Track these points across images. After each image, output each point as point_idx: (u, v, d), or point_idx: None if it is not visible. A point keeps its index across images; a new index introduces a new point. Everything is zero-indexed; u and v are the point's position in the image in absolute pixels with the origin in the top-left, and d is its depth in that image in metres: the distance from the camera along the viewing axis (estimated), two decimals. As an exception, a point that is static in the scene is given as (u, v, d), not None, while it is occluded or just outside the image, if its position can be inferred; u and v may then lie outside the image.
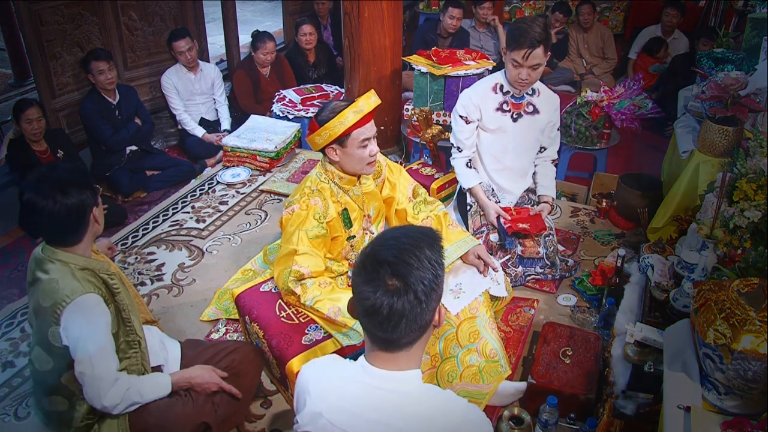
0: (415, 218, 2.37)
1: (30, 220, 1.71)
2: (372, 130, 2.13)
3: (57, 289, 1.69)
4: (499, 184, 2.89)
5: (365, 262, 1.16)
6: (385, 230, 1.20)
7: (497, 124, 2.75)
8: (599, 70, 5.67)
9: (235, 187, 3.74)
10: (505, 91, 2.73)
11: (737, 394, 1.51)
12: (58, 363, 1.76)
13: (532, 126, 2.77)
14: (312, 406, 1.23)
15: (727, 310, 1.49)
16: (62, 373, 1.77)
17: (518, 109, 2.75)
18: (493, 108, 2.74)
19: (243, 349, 2.12)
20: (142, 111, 4.17)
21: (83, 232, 1.76)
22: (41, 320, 1.72)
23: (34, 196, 1.66)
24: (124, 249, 3.16)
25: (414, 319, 1.15)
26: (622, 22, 6.41)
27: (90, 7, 4.00)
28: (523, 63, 2.53)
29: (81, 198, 1.71)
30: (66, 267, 1.73)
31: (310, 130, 2.14)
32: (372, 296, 1.13)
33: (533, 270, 2.81)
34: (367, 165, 2.17)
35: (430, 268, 1.15)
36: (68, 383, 1.78)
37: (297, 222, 2.15)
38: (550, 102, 2.79)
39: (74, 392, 1.79)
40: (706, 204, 2.47)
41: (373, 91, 2.14)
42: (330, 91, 4.66)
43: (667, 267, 2.34)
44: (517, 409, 2.08)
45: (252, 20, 8.52)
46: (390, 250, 1.15)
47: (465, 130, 2.78)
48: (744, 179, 2.27)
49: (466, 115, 2.75)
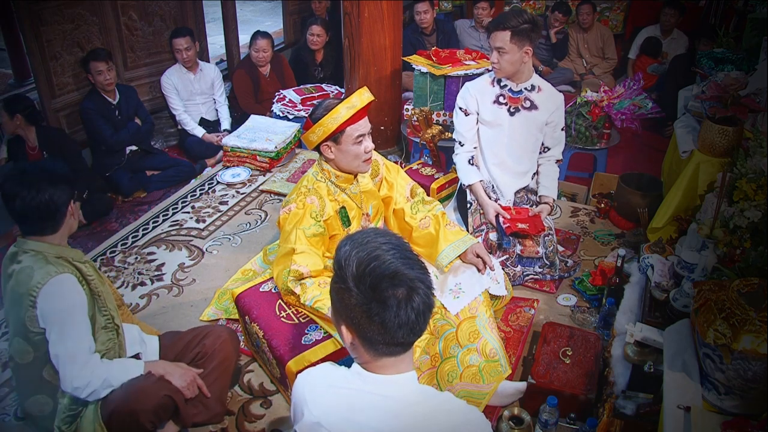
0: (413, 218, 2.37)
1: (9, 208, 1.78)
2: (366, 126, 2.14)
3: (32, 275, 1.74)
4: (497, 180, 2.89)
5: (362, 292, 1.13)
6: (336, 258, 1.19)
7: (493, 116, 2.78)
8: (599, 70, 5.67)
9: (235, 187, 3.74)
10: (503, 84, 2.77)
11: (737, 394, 1.51)
12: (38, 351, 1.78)
13: (529, 122, 2.79)
14: (310, 416, 1.22)
15: (727, 310, 1.49)
16: (44, 365, 1.79)
17: (515, 104, 2.77)
18: (490, 100, 2.78)
19: (215, 331, 2.15)
20: (142, 111, 4.17)
21: (59, 224, 1.82)
22: (17, 308, 1.75)
23: (13, 186, 1.75)
24: (124, 249, 3.16)
25: (433, 303, 1.18)
26: (622, 22, 6.41)
27: (90, 7, 4.00)
28: (492, 45, 2.62)
29: (52, 192, 1.77)
30: (39, 255, 1.78)
31: (305, 128, 2.15)
32: (394, 314, 1.12)
33: (532, 270, 2.81)
34: (363, 162, 2.17)
35: (395, 251, 1.15)
36: (51, 378, 1.81)
37: (294, 221, 2.15)
38: (551, 100, 2.79)
39: (57, 387, 1.81)
40: (706, 204, 2.47)
41: (366, 88, 2.16)
42: (330, 91, 4.66)
43: (667, 267, 2.35)
44: (517, 409, 2.08)
45: (252, 20, 8.53)
46: (362, 270, 1.13)
47: (465, 122, 2.82)
48: (744, 179, 2.27)
49: (465, 106, 2.81)
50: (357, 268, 1.13)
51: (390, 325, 1.12)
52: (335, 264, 1.19)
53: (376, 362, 1.20)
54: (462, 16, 6.37)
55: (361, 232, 1.22)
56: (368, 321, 1.13)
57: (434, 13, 5.07)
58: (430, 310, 1.17)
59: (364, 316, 1.13)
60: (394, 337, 1.14)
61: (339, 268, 1.17)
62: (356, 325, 1.17)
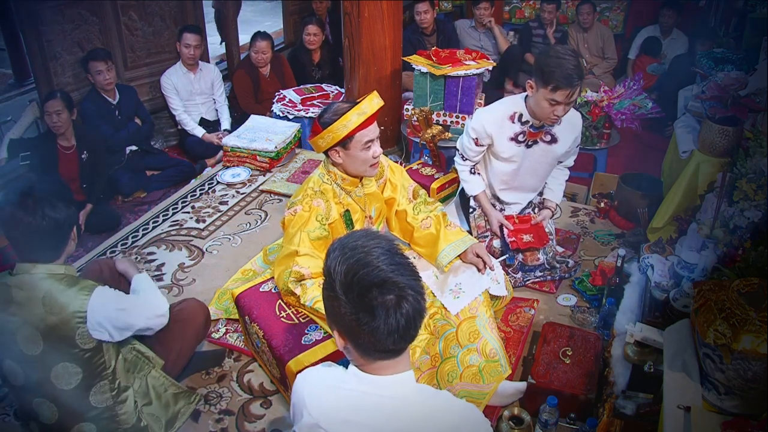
0: (415, 219, 2.37)
1: (13, 235, 1.70)
2: (375, 131, 2.13)
3: (62, 295, 1.71)
4: (505, 200, 2.85)
5: (351, 301, 1.12)
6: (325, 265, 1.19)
7: (509, 153, 2.63)
8: (599, 70, 5.67)
9: (235, 187, 3.74)
10: (524, 121, 2.57)
11: (737, 394, 1.51)
12: (86, 371, 1.79)
13: (546, 154, 2.66)
14: (309, 417, 1.22)
15: (727, 310, 1.49)
16: (89, 389, 1.81)
17: (534, 137, 2.61)
18: (507, 137, 2.60)
19: (186, 301, 2.28)
20: (141, 111, 4.17)
21: (63, 248, 1.78)
22: (56, 336, 1.72)
23: (19, 210, 1.66)
24: (124, 249, 3.16)
25: (424, 308, 1.16)
26: (622, 22, 6.40)
27: (90, 7, 3.99)
28: (562, 101, 2.36)
29: (68, 213, 1.74)
30: (51, 278, 1.73)
31: (313, 132, 2.13)
32: (383, 322, 1.11)
33: (533, 275, 2.81)
34: (370, 167, 2.17)
35: (385, 256, 1.14)
36: (97, 403, 1.83)
37: (299, 223, 2.15)
38: (571, 129, 2.64)
39: (107, 405, 1.85)
40: (706, 204, 2.47)
41: (376, 93, 2.13)
42: (330, 91, 4.66)
43: (667, 267, 2.35)
44: (517, 409, 2.08)
45: (252, 20, 8.52)
46: (350, 278, 1.12)
47: (474, 149, 2.67)
48: (744, 179, 2.27)
49: (477, 137, 2.62)
50: (345, 276, 1.12)
51: (380, 334, 1.12)
52: (325, 271, 1.18)
53: (371, 365, 1.20)
54: (462, 16, 6.37)
55: (351, 235, 1.21)
56: (358, 329, 1.13)
57: (434, 13, 5.06)
58: (421, 316, 1.16)
59: (354, 324, 1.13)
60: (384, 344, 1.14)
61: (328, 275, 1.16)
62: (347, 332, 1.17)
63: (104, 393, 1.85)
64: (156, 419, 2.01)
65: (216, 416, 2.20)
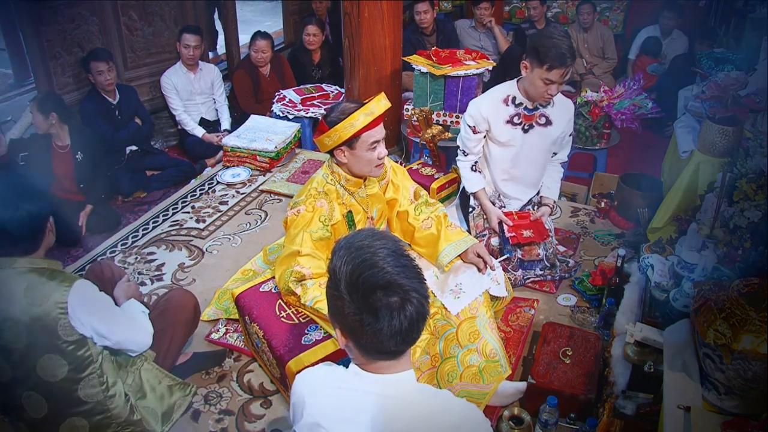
0: (416, 219, 2.37)
1: None
2: (381, 132, 2.14)
3: (44, 287, 1.73)
4: (506, 193, 2.86)
5: (354, 301, 1.12)
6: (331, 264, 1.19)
7: (507, 136, 2.68)
8: (599, 70, 5.67)
9: (235, 187, 3.74)
10: (518, 103, 2.64)
11: (737, 394, 1.51)
12: (72, 364, 1.79)
13: (544, 138, 2.71)
14: (309, 416, 1.22)
15: (727, 310, 1.49)
16: (77, 382, 1.81)
17: (530, 121, 2.66)
18: (503, 120, 2.66)
19: (171, 292, 2.34)
20: (142, 111, 4.17)
21: (41, 239, 1.79)
22: (39, 327, 1.73)
23: None
24: (124, 249, 3.16)
25: (427, 311, 1.16)
26: (622, 22, 6.41)
27: (90, 7, 4.00)
28: (556, 80, 2.45)
29: (42, 204, 1.76)
30: (33, 271, 1.75)
31: (319, 131, 2.13)
32: (386, 324, 1.11)
33: (533, 272, 2.81)
34: (375, 167, 2.17)
35: (391, 257, 1.13)
36: (87, 398, 1.84)
37: (302, 223, 2.15)
38: (564, 111, 2.71)
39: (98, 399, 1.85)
40: (706, 204, 2.46)
41: (384, 94, 2.14)
42: (330, 91, 4.66)
43: (667, 267, 2.35)
44: (517, 409, 2.08)
45: (252, 20, 8.52)
46: (355, 278, 1.12)
47: (473, 138, 2.72)
48: (744, 179, 2.27)
49: (474, 125, 2.68)
50: (350, 276, 1.12)
51: (382, 335, 1.12)
52: (329, 270, 1.18)
53: (372, 364, 1.20)
54: (462, 16, 6.37)
55: (357, 234, 1.20)
56: (361, 330, 1.13)
57: (434, 13, 5.06)
58: (424, 319, 1.16)
59: (356, 324, 1.13)
60: (386, 345, 1.14)
61: (333, 274, 1.16)
62: (350, 332, 1.17)
63: (93, 387, 1.84)
64: (151, 412, 2.01)
65: (216, 416, 2.20)
